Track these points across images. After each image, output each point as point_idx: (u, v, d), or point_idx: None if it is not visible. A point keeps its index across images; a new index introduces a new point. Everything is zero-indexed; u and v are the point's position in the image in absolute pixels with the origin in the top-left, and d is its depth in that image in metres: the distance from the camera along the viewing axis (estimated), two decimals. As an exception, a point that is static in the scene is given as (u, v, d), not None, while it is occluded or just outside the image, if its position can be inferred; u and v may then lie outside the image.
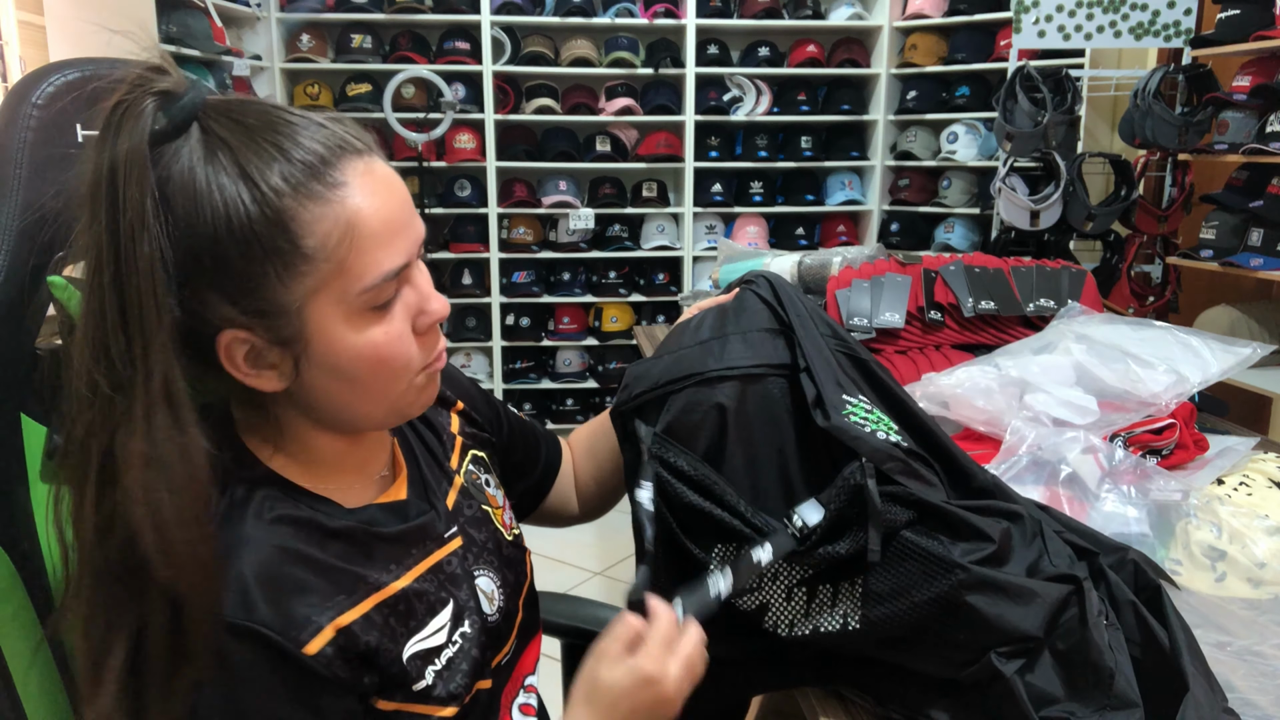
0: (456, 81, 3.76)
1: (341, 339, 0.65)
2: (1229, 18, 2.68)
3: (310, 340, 0.64)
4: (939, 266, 1.55)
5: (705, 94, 3.87)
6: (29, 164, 0.77)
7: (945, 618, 0.70)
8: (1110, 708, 0.68)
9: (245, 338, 0.63)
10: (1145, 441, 1.16)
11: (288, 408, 0.70)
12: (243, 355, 0.64)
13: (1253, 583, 0.95)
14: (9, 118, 0.77)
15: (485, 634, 0.77)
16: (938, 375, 1.23)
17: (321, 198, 0.62)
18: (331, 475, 0.73)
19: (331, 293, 0.63)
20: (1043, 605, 0.71)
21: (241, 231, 0.60)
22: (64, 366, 0.63)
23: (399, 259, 0.65)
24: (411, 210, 0.68)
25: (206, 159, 0.61)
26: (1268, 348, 1.22)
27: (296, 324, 0.63)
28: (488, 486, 0.87)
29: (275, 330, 0.63)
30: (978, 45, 3.70)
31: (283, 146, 0.62)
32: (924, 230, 3.95)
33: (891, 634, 0.72)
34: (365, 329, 0.65)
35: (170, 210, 0.59)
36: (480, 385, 0.98)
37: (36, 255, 0.78)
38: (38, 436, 0.79)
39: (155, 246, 0.58)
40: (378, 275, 0.64)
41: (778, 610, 0.75)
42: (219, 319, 0.62)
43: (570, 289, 4.00)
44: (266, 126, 0.62)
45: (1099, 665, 0.69)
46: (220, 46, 3.27)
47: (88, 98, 0.76)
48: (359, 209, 0.63)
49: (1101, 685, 0.69)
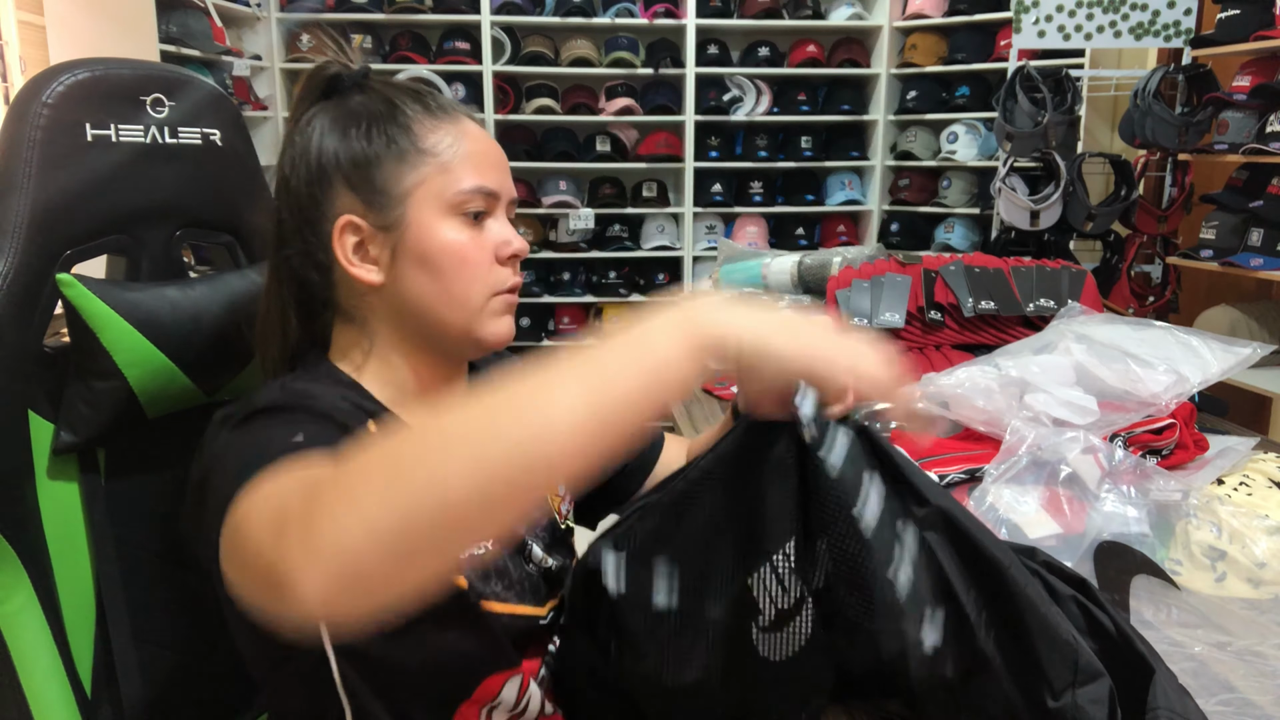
0: (456, 81, 3.76)
1: (434, 229, 0.76)
2: (1229, 18, 2.69)
3: (409, 227, 0.75)
4: (939, 266, 1.55)
5: (705, 94, 3.87)
6: (38, 162, 0.78)
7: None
8: (1079, 683, 0.67)
9: (357, 223, 0.75)
10: (1145, 441, 1.16)
11: (381, 320, 0.78)
12: (352, 246, 0.76)
13: (1253, 583, 0.95)
14: (19, 116, 0.78)
15: (524, 573, 0.80)
16: (938, 375, 1.24)
17: (440, 118, 0.78)
18: (411, 408, 0.78)
19: (433, 187, 0.76)
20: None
21: (373, 128, 0.76)
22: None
23: (493, 184, 0.78)
24: (507, 169, 0.81)
25: (363, 100, 0.78)
26: (1268, 348, 1.23)
27: (400, 210, 0.75)
28: None
29: (383, 215, 0.75)
30: (978, 45, 3.70)
31: (420, 93, 0.79)
32: (924, 230, 3.95)
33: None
34: (455, 228, 0.76)
35: (325, 128, 0.77)
36: None
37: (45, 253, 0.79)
38: (45, 433, 0.80)
39: (300, 154, 0.76)
40: (473, 185, 0.76)
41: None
42: (341, 207, 0.76)
43: (570, 289, 4.00)
44: (412, 86, 0.80)
45: (1058, 641, 0.67)
46: (220, 46, 3.27)
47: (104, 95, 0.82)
48: (465, 133, 0.78)
49: (1065, 662, 0.67)
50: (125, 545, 0.84)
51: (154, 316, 0.82)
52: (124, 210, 0.86)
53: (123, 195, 0.85)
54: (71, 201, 0.80)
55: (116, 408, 0.81)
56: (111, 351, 0.80)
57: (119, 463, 0.85)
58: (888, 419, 0.76)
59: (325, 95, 0.79)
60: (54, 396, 0.80)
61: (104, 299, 0.79)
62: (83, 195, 0.81)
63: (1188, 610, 0.91)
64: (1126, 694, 0.67)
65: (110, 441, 0.84)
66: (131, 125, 0.85)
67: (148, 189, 0.87)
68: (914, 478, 0.69)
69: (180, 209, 0.90)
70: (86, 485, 0.82)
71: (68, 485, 0.81)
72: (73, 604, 0.80)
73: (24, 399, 0.78)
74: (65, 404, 0.80)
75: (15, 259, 0.76)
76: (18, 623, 0.76)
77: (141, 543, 0.86)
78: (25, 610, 0.77)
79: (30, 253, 0.77)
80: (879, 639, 0.71)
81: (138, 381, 0.82)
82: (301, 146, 0.77)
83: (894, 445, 0.71)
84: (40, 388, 0.79)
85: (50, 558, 0.79)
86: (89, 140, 0.81)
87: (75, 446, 0.80)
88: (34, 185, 0.78)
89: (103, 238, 0.84)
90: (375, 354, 0.79)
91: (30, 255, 0.77)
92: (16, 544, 0.75)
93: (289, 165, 0.77)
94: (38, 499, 0.78)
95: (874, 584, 0.68)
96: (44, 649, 0.78)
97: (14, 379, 0.77)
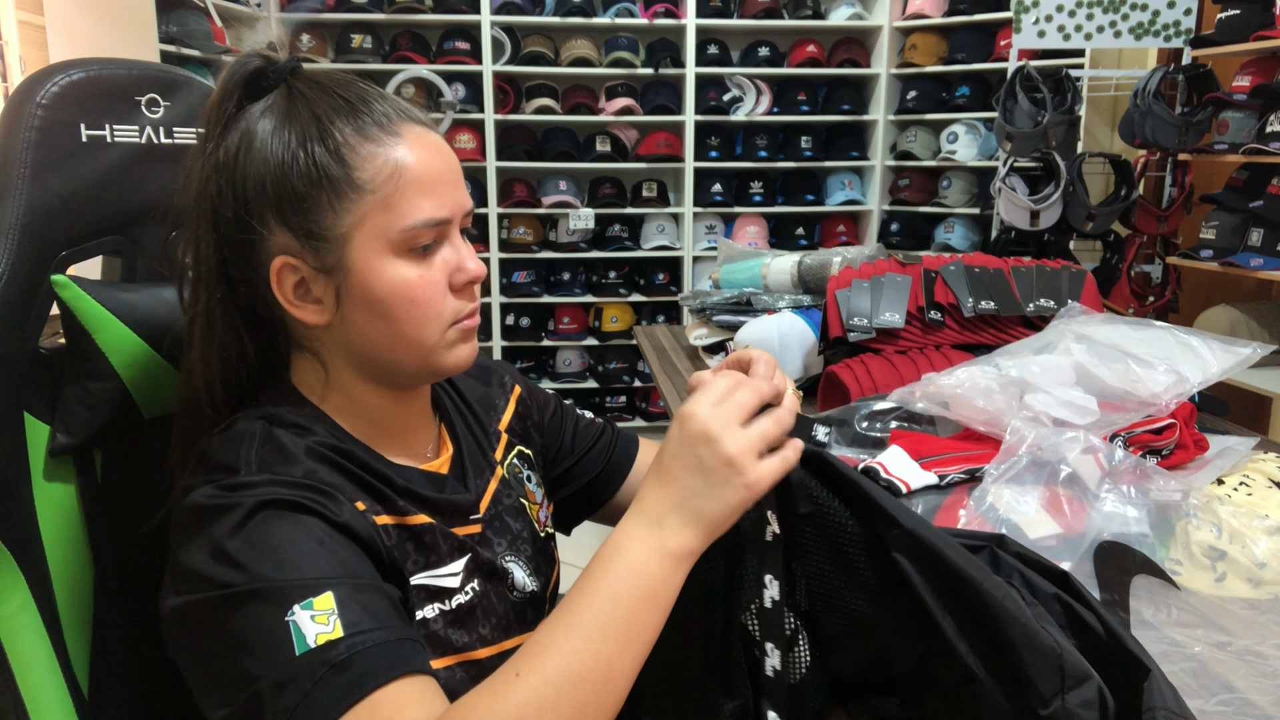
0: (456, 81, 3.76)
1: (379, 271, 0.70)
2: (1229, 18, 2.69)
3: (351, 269, 0.70)
4: (939, 266, 1.55)
5: (705, 94, 3.87)
6: (33, 163, 0.77)
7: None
8: (1067, 688, 0.65)
9: (295, 264, 0.70)
10: (1145, 441, 1.16)
11: (334, 354, 0.74)
12: (292, 285, 0.71)
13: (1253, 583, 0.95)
14: (14, 117, 0.77)
15: (509, 605, 0.80)
16: (938, 375, 1.24)
17: (378, 140, 0.70)
18: (378, 437, 0.77)
19: (374, 225, 0.69)
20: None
21: (305, 161, 0.68)
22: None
23: (441, 212, 0.71)
24: (459, 179, 0.74)
25: (287, 108, 0.70)
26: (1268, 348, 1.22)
27: (340, 251, 0.69)
28: (528, 482, 0.90)
29: (322, 256, 0.70)
30: (978, 45, 3.70)
31: (352, 102, 0.71)
32: (924, 230, 3.95)
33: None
34: (401, 267, 0.70)
35: (250, 146, 0.69)
36: (555, 397, 1.00)
37: (40, 254, 0.79)
38: (41, 434, 0.79)
39: (226, 177, 0.69)
40: (417, 219, 0.70)
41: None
42: (275, 246, 0.70)
43: (570, 289, 4.00)
44: (344, 88, 0.72)
45: (1042, 648, 0.65)
46: (220, 46, 3.27)
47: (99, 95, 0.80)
48: (409, 157, 0.70)
49: (1051, 669, 0.65)
50: (122, 546, 0.84)
51: (150, 317, 0.82)
52: (119, 211, 0.85)
53: (117, 196, 0.84)
54: (66, 203, 0.80)
55: (113, 409, 0.81)
56: (107, 352, 0.79)
57: (115, 464, 0.85)
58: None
59: (249, 95, 0.71)
60: (49, 398, 0.80)
61: (99, 300, 0.79)
62: (77, 196, 0.81)
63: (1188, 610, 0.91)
64: (1116, 691, 0.66)
65: (106, 443, 0.83)
66: (126, 126, 0.84)
67: (143, 190, 0.86)
68: (881, 501, 0.69)
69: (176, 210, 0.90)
70: (83, 487, 0.82)
71: (64, 487, 0.80)
72: (69, 606, 0.80)
73: (19, 401, 0.78)
74: (61, 405, 0.80)
75: (9, 260, 0.76)
76: (14, 625, 0.76)
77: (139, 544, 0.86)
78: (22, 612, 0.76)
79: (25, 254, 0.77)
80: (859, 651, 0.72)
81: (133, 382, 0.81)
82: (226, 170, 0.69)
83: (855, 471, 0.71)
84: (36, 389, 0.79)
85: (47, 560, 0.79)
86: (84, 141, 0.81)
87: (71, 448, 0.80)
88: (28, 186, 0.77)
89: (98, 239, 0.84)
90: (334, 386, 0.76)
91: (25, 257, 0.77)
92: (13, 546, 0.75)
93: (215, 192, 0.70)
94: (34, 501, 0.78)
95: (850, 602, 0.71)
96: (41, 651, 0.77)
97: (9, 381, 0.76)
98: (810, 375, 1.70)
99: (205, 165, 0.70)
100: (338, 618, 0.58)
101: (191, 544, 0.63)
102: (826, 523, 0.72)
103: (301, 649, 0.56)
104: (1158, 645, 0.85)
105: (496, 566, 0.79)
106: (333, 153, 0.69)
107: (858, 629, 0.73)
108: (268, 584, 0.59)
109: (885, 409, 1.26)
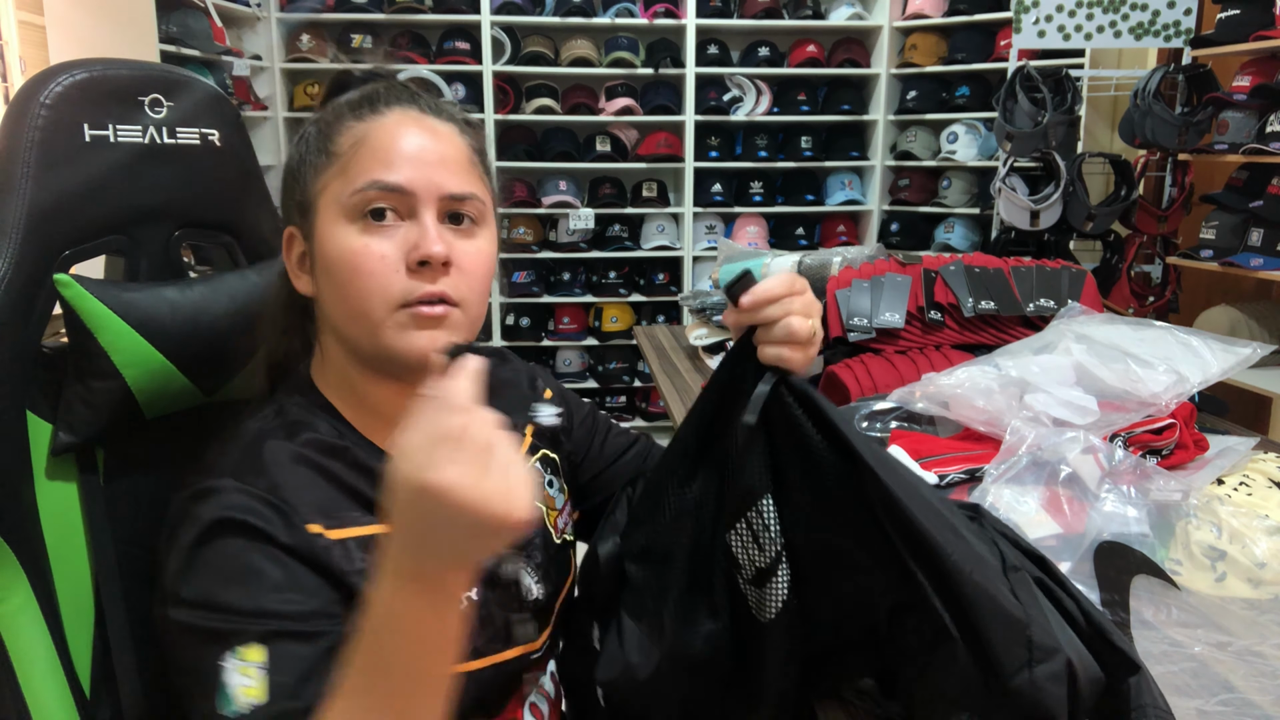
0: (456, 81, 3.76)
1: (331, 236, 0.72)
2: (1229, 18, 2.69)
3: (314, 235, 0.73)
4: (939, 266, 1.55)
5: (705, 94, 3.87)
6: (36, 162, 0.78)
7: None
8: (1035, 661, 0.63)
9: (294, 233, 0.76)
10: (1145, 441, 1.16)
11: (325, 331, 0.77)
12: (296, 255, 0.76)
13: (1253, 583, 0.95)
14: (17, 117, 0.78)
15: (509, 618, 0.79)
16: (938, 375, 1.24)
17: (361, 117, 0.74)
18: (381, 429, 0.77)
19: (334, 191, 0.72)
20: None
21: (303, 135, 0.76)
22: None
23: (392, 177, 0.71)
24: (443, 162, 0.73)
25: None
26: (1268, 348, 1.23)
27: (312, 217, 0.74)
28: (549, 487, 0.89)
29: (304, 224, 0.75)
30: (978, 45, 3.70)
31: (367, 92, 0.76)
32: (924, 230, 3.95)
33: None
34: (351, 234, 0.71)
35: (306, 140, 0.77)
36: (588, 405, 1.00)
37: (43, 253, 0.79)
38: (43, 433, 0.79)
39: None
40: (365, 180, 0.70)
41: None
42: (290, 215, 0.77)
43: (570, 289, 4.00)
44: (364, 82, 0.78)
45: (1008, 618, 0.64)
46: (220, 46, 3.27)
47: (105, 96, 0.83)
48: (379, 128, 0.73)
49: (1018, 640, 0.63)
50: (124, 545, 0.84)
51: (152, 317, 0.82)
52: (122, 211, 0.85)
53: (120, 196, 0.85)
54: (69, 202, 0.80)
55: (115, 408, 0.81)
56: (109, 352, 0.79)
57: (117, 463, 0.85)
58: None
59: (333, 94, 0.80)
60: (52, 397, 0.80)
61: (101, 299, 0.79)
62: (80, 196, 0.81)
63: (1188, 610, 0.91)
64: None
65: (109, 442, 0.83)
66: (129, 126, 0.84)
67: (146, 189, 0.86)
68: (861, 451, 0.68)
69: (179, 209, 0.90)
70: (85, 485, 0.82)
71: (66, 486, 0.81)
72: (71, 604, 0.80)
73: (22, 399, 0.78)
74: (63, 404, 0.80)
75: (12, 259, 0.76)
76: (16, 623, 0.76)
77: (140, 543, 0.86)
78: (24, 611, 0.76)
79: (27, 253, 0.77)
80: (841, 590, 0.73)
81: (135, 382, 0.81)
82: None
83: (838, 411, 0.71)
84: (39, 388, 0.79)
85: (49, 558, 0.79)
86: (87, 141, 0.81)
87: (73, 447, 0.80)
88: (31, 186, 0.77)
89: (101, 238, 0.84)
90: (330, 366, 0.78)
91: (27, 256, 0.77)
92: (15, 544, 0.75)
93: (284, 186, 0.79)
94: (36, 499, 0.78)
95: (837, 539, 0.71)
96: (42, 649, 0.78)
97: (12, 379, 0.77)
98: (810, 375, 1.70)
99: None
100: (265, 677, 0.61)
101: (169, 548, 0.68)
102: (809, 453, 0.71)
103: (228, 709, 0.60)
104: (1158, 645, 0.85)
105: (499, 573, 0.79)
106: (322, 130, 0.75)
107: (836, 565, 0.73)
108: (209, 619, 0.63)
109: (885, 409, 1.26)
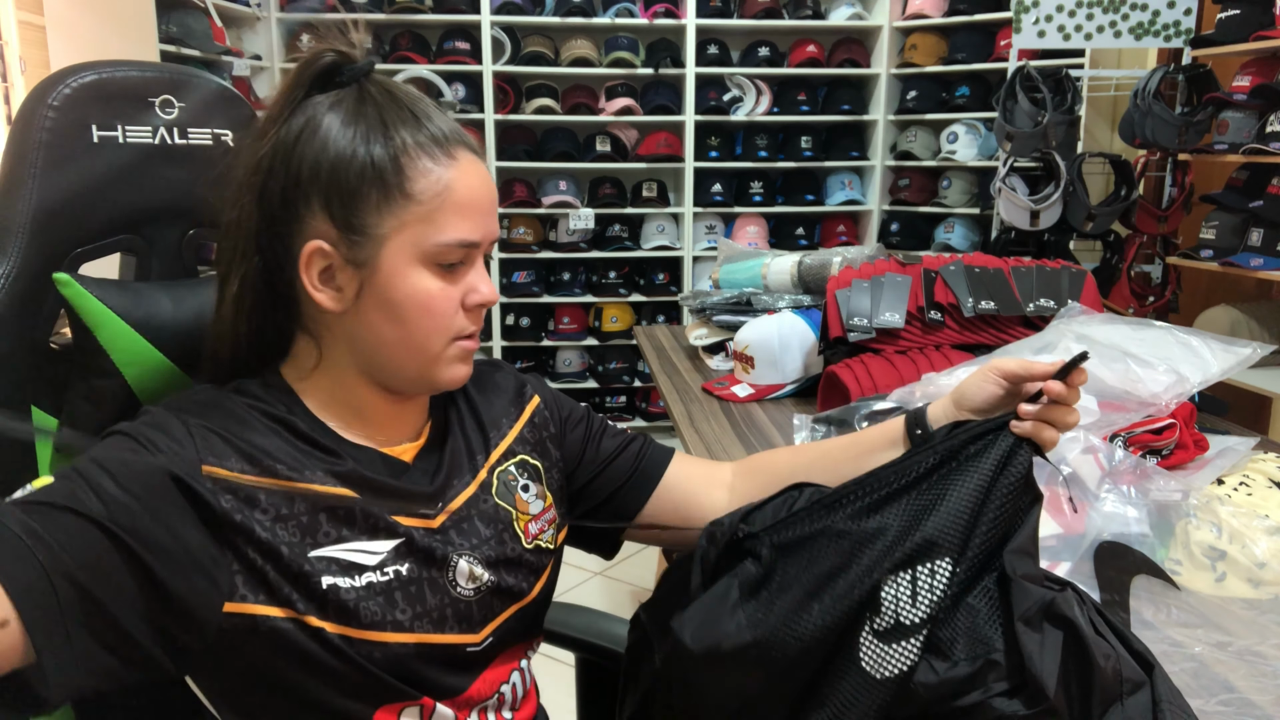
0: (456, 81, 3.76)
1: (405, 276, 0.74)
2: (1229, 18, 2.69)
3: (379, 268, 0.74)
4: (939, 266, 1.55)
5: (705, 94, 3.87)
6: (43, 163, 0.79)
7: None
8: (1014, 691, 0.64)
9: (327, 251, 0.74)
10: (1145, 441, 1.16)
11: (336, 340, 0.77)
12: (319, 269, 0.74)
13: (1253, 583, 0.95)
14: (26, 119, 0.79)
15: (450, 599, 0.78)
16: (938, 375, 1.24)
17: (434, 157, 0.74)
18: (351, 421, 0.79)
19: (413, 234, 0.74)
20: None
21: (363, 158, 0.73)
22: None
23: (474, 235, 0.76)
24: (494, 208, 0.79)
25: (356, 107, 0.74)
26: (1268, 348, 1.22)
27: (374, 250, 0.73)
28: (523, 492, 0.88)
29: (355, 249, 0.73)
30: (978, 45, 3.70)
31: (417, 115, 0.75)
32: (924, 230, 3.95)
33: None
34: (426, 277, 0.75)
35: (314, 132, 0.73)
36: (583, 409, 0.99)
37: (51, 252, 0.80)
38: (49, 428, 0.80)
39: (283, 156, 0.73)
40: (453, 237, 0.75)
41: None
42: (312, 230, 0.74)
43: (570, 289, 4.00)
44: (411, 100, 0.76)
45: (978, 636, 0.65)
46: (220, 46, 3.27)
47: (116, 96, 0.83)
48: (459, 179, 0.75)
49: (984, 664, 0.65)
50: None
51: (152, 315, 0.83)
52: (131, 211, 0.86)
53: (129, 196, 0.85)
54: (76, 202, 0.81)
55: (116, 405, 0.81)
56: (109, 349, 0.80)
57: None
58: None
59: (320, 88, 0.75)
60: (57, 393, 0.81)
61: (100, 298, 0.80)
62: (87, 196, 0.82)
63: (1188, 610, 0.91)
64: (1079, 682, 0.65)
65: (110, 441, 0.84)
66: (139, 126, 0.85)
67: (156, 190, 0.87)
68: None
69: (191, 209, 0.91)
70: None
71: (67, 484, 0.81)
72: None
73: (27, 395, 0.79)
74: (67, 401, 0.81)
75: (18, 258, 0.78)
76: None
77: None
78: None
79: (34, 252, 0.78)
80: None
81: (136, 380, 0.82)
82: (284, 149, 0.73)
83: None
84: (45, 384, 0.81)
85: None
86: (94, 141, 0.82)
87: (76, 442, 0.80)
88: (38, 186, 0.79)
89: (111, 237, 0.85)
90: (324, 370, 0.78)
91: (34, 254, 0.78)
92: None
93: (268, 168, 0.74)
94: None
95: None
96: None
97: (18, 375, 0.78)
98: (810, 375, 1.70)
99: (264, 141, 0.74)
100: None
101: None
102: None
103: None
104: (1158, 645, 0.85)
105: (437, 556, 0.78)
106: (391, 158, 0.73)
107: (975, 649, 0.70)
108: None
109: (885, 409, 1.26)
